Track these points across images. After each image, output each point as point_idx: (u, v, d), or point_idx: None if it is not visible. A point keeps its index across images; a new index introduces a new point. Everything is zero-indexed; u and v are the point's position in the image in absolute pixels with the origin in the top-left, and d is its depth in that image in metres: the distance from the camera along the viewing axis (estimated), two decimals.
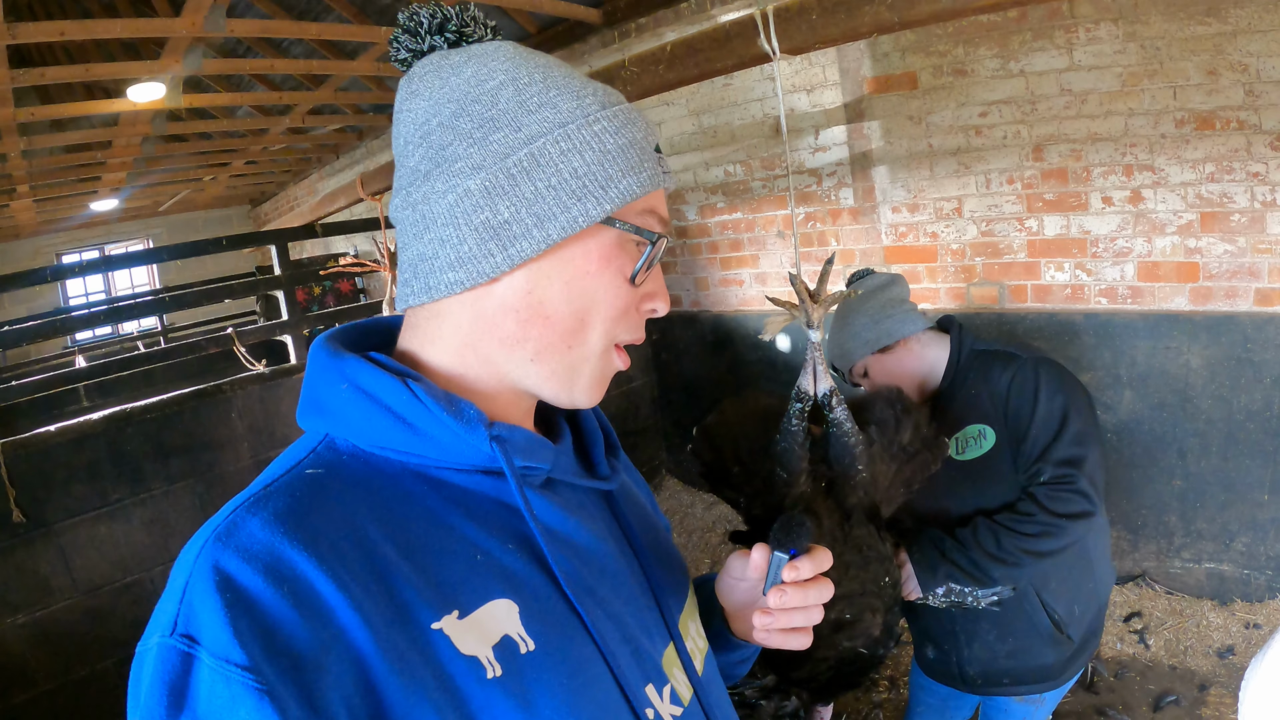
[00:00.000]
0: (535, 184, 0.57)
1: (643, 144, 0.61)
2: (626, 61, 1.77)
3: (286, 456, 0.59)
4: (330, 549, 0.49)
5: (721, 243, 4.22)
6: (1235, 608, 2.81)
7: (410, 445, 0.57)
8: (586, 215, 0.58)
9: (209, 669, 0.44)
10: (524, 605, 0.56)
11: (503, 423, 0.59)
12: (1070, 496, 1.38)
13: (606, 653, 0.59)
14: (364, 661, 0.48)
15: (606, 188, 0.58)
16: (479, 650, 0.52)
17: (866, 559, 1.24)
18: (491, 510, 0.59)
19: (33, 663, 2.34)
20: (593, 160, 0.58)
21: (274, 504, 0.51)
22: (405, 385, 0.57)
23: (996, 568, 1.40)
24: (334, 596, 0.48)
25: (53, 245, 9.12)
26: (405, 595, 0.51)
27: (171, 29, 3.36)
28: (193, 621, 0.45)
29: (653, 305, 0.65)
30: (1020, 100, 2.89)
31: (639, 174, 0.60)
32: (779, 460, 1.28)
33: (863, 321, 1.59)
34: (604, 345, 0.62)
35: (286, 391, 3.02)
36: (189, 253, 3.63)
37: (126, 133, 4.93)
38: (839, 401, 1.28)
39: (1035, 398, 1.44)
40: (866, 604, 1.23)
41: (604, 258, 0.60)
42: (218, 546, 0.48)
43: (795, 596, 0.68)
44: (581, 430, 0.75)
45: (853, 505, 1.28)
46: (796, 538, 0.70)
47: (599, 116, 0.59)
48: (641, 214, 0.61)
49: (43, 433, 2.45)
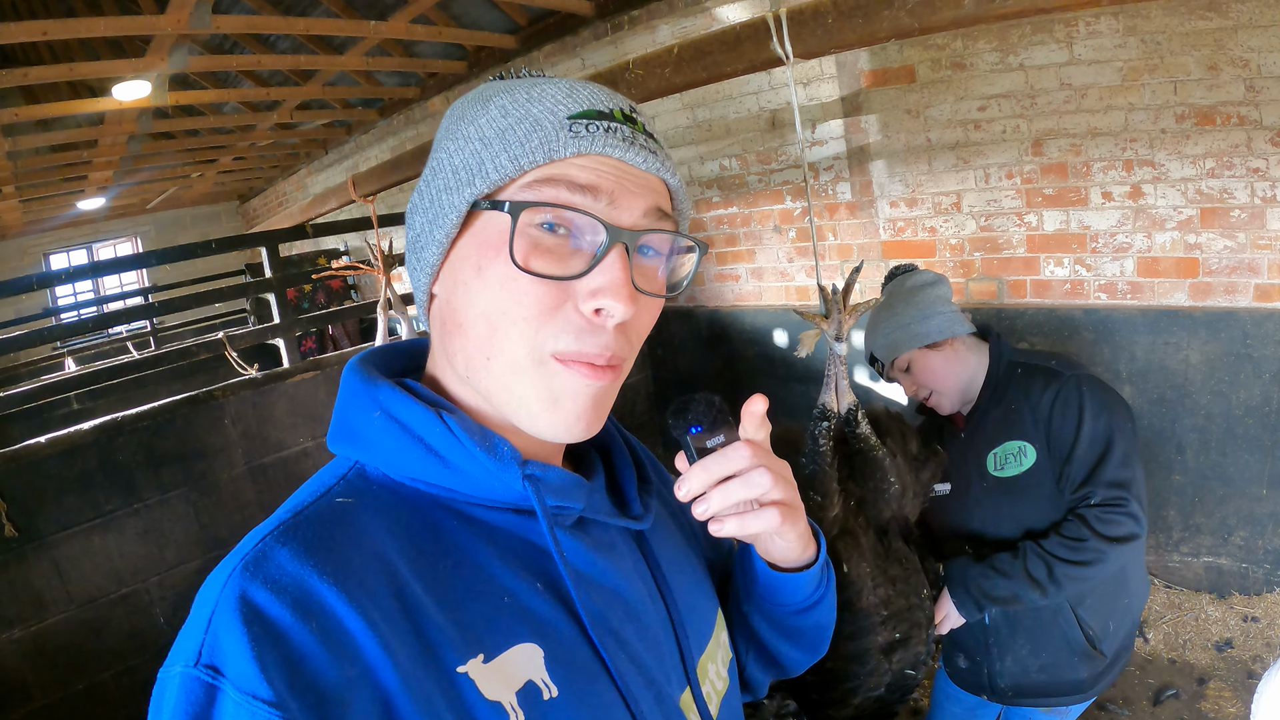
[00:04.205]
0: (431, 191, 0.58)
1: (540, 116, 0.55)
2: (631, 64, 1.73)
3: (317, 481, 0.57)
4: (359, 584, 0.49)
5: (717, 238, 4.19)
6: (1233, 601, 2.82)
7: (441, 478, 0.56)
8: (454, 206, 0.55)
9: (234, 703, 0.43)
10: (549, 650, 0.55)
11: (537, 461, 0.57)
12: (1122, 519, 1.36)
13: (629, 698, 0.58)
14: (389, 700, 0.47)
15: (477, 173, 0.54)
16: (503, 696, 0.51)
17: (908, 572, 1.23)
18: (520, 549, 0.58)
19: (29, 677, 2.31)
20: (471, 151, 0.56)
21: (304, 534, 0.50)
22: (439, 417, 0.56)
23: (1043, 595, 1.39)
24: (362, 633, 0.47)
25: (40, 245, 9.02)
26: (432, 635, 0.50)
27: (156, 26, 3.30)
28: (218, 652, 0.44)
29: (595, 303, 0.53)
30: (1020, 94, 2.86)
31: (523, 145, 0.53)
32: (810, 484, 1.24)
33: (913, 314, 1.54)
34: (531, 354, 0.54)
35: (279, 396, 2.99)
36: (178, 256, 3.58)
37: (112, 131, 4.86)
38: (863, 416, 1.25)
39: (1080, 418, 1.41)
40: (914, 619, 1.21)
41: (485, 248, 0.55)
42: (245, 576, 0.47)
43: (696, 477, 0.60)
44: (614, 465, 0.73)
45: (888, 520, 1.25)
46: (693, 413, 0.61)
47: (491, 107, 0.57)
48: (530, 186, 0.54)
49: (33, 444, 2.42)
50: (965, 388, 1.57)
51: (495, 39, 4.48)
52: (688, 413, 0.61)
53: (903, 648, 1.21)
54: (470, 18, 4.41)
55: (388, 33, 4.08)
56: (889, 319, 1.57)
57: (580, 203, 0.54)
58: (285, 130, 6.42)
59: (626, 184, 0.55)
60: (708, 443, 0.61)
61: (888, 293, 1.62)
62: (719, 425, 0.61)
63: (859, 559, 1.20)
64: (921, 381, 1.57)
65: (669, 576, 0.70)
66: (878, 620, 1.18)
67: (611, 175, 0.55)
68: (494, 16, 4.39)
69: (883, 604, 1.19)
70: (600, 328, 0.54)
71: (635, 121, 0.58)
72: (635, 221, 0.56)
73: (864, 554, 1.19)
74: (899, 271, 1.65)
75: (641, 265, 0.58)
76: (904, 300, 1.57)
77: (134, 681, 2.52)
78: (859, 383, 3.51)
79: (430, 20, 4.19)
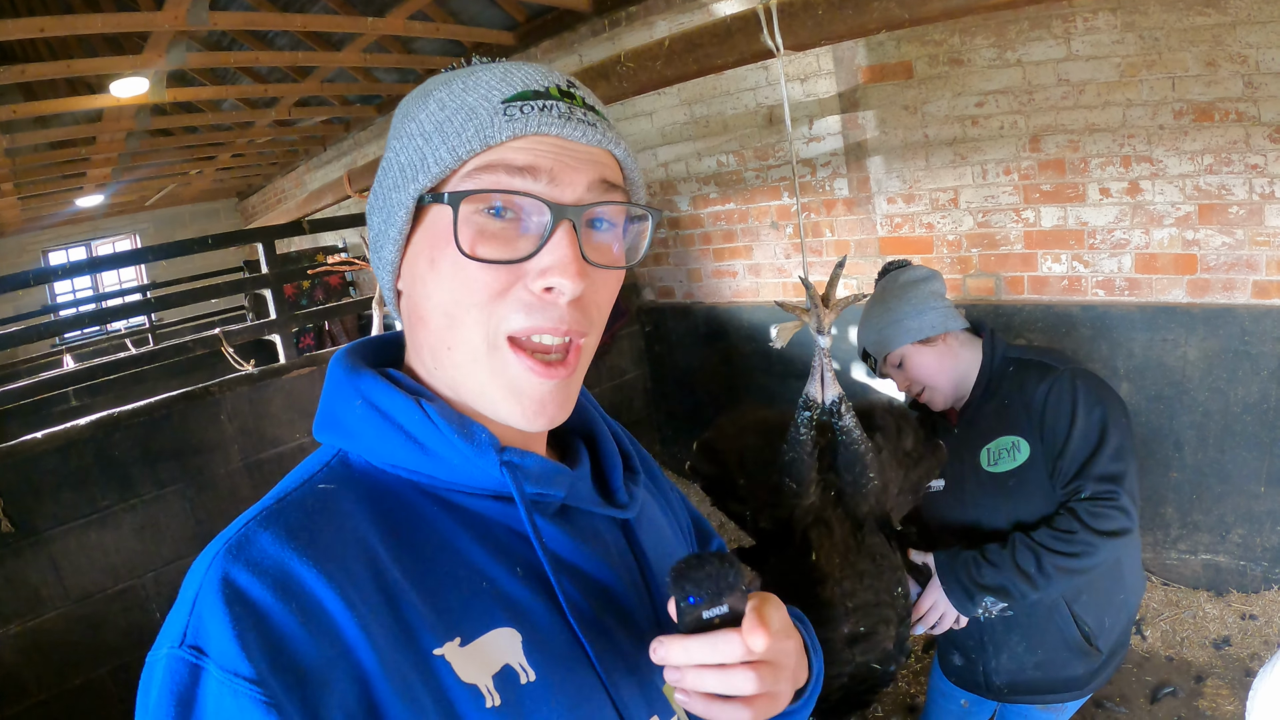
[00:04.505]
0: (383, 190, 0.59)
1: (476, 105, 0.55)
2: (623, 57, 1.72)
3: (301, 469, 0.59)
4: (339, 567, 0.50)
5: (714, 234, 4.19)
6: (1231, 599, 2.82)
7: (422, 465, 0.57)
8: (401, 203, 0.56)
9: (216, 681, 0.44)
10: (527, 635, 0.55)
11: (515, 448, 0.58)
12: (1112, 513, 1.36)
13: (609, 684, 0.58)
14: (368, 680, 0.48)
15: (420, 168, 0.55)
16: (479, 679, 0.52)
17: (880, 568, 1.23)
18: (500, 535, 0.59)
19: (26, 673, 2.31)
20: (414, 148, 0.56)
21: (286, 519, 0.52)
22: (418, 405, 0.57)
23: (1033, 588, 1.39)
24: (341, 614, 0.48)
25: (39, 242, 9.02)
26: (410, 618, 0.51)
27: (154, 23, 3.30)
28: (201, 633, 0.46)
29: (545, 281, 0.53)
30: (1017, 90, 2.85)
31: (460, 135, 0.54)
32: (787, 470, 1.26)
33: (906, 310, 1.54)
34: (485, 339, 0.55)
35: (276, 392, 2.99)
36: (175, 253, 3.58)
37: (111, 128, 4.86)
38: (848, 408, 1.26)
39: (1073, 411, 1.41)
40: (881, 615, 1.22)
41: (436, 240, 0.55)
42: (229, 559, 0.48)
43: (675, 653, 0.54)
44: (600, 454, 0.73)
45: (865, 514, 1.26)
46: (695, 584, 0.54)
47: (430, 101, 0.58)
48: (470, 174, 0.54)
49: (29, 440, 2.41)
50: (958, 383, 1.57)
51: (493, 35, 4.48)
52: (689, 579, 0.54)
53: (865, 640, 1.22)
54: (468, 14, 4.40)
55: (385, 29, 4.08)
56: (881, 314, 1.57)
57: (520, 185, 0.54)
58: (283, 127, 6.42)
59: (566, 160, 0.55)
60: (704, 614, 0.54)
61: (880, 288, 1.61)
62: (724, 594, 0.54)
63: (830, 550, 1.21)
64: (914, 377, 1.57)
65: (654, 565, 0.70)
66: (841, 612, 1.19)
67: (550, 153, 0.54)
68: (492, 13, 4.38)
69: (847, 596, 1.19)
70: (551, 304, 0.55)
71: (573, 96, 0.57)
72: (580, 197, 0.55)
73: (835, 545, 1.20)
74: (892, 267, 1.65)
75: (594, 239, 0.58)
76: (896, 296, 1.56)
77: (131, 677, 2.49)
78: (858, 379, 3.51)
79: (428, 17, 4.19)
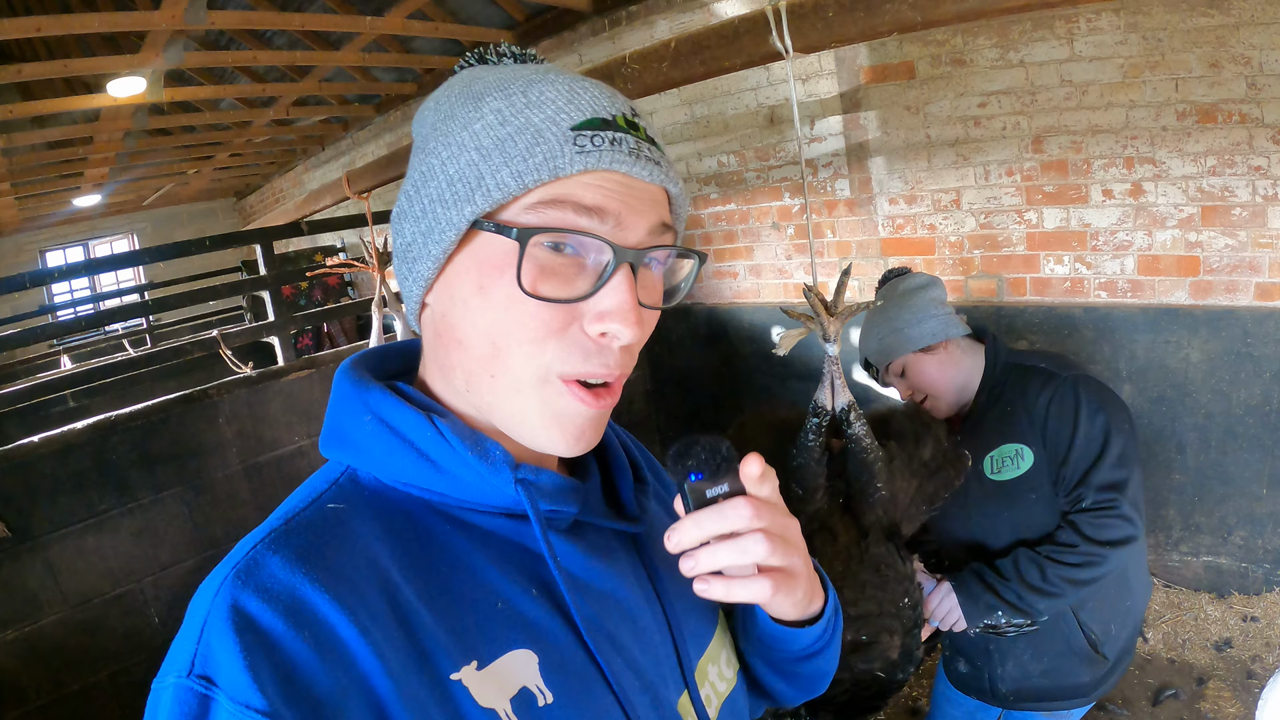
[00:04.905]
0: (424, 200, 0.55)
1: (541, 126, 0.52)
2: (628, 58, 1.70)
3: (309, 487, 0.57)
4: (352, 591, 0.48)
5: (715, 234, 4.17)
6: (1233, 601, 2.82)
7: (434, 483, 0.56)
8: (452, 222, 0.53)
9: (227, 713, 0.42)
10: (543, 655, 0.54)
11: (530, 465, 0.57)
12: (1114, 522, 1.35)
13: (625, 703, 0.57)
14: (383, 707, 0.46)
15: (476, 187, 0.52)
16: (497, 703, 0.51)
17: (884, 579, 1.22)
18: (514, 554, 0.58)
19: (24, 679, 2.30)
20: (467, 161, 0.53)
21: (296, 541, 0.50)
22: (430, 422, 0.55)
23: (1041, 600, 1.38)
24: (355, 640, 0.46)
25: (36, 242, 8.98)
26: (425, 642, 0.50)
27: (151, 22, 3.28)
28: (210, 662, 0.44)
29: (602, 326, 0.52)
30: (1020, 91, 2.84)
31: (526, 161, 0.51)
32: (794, 476, 1.25)
33: (906, 318, 1.53)
34: (535, 375, 0.53)
35: (274, 395, 2.97)
36: (173, 254, 3.56)
37: (108, 128, 4.84)
38: (858, 416, 1.25)
39: (1076, 419, 1.39)
40: (884, 625, 1.21)
41: (486, 267, 0.53)
42: (237, 585, 0.46)
43: (687, 531, 0.55)
44: (610, 466, 0.72)
45: (870, 523, 1.25)
46: (695, 458, 0.55)
47: (487, 110, 0.54)
48: (535, 207, 0.52)
49: (26, 444, 2.39)
50: (960, 391, 1.56)
51: (492, 34, 4.46)
52: (689, 457, 0.56)
53: (866, 650, 1.20)
54: (467, 13, 4.39)
55: (384, 28, 4.07)
56: (882, 323, 1.56)
57: (586, 224, 0.52)
58: (282, 127, 6.40)
59: (632, 202, 0.54)
60: (708, 492, 0.55)
61: (881, 296, 1.60)
62: (722, 473, 0.56)
63: (832, 557, 1.20)
64: (916, 385, 1.56)
65: (666, 579, 0.69)
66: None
67: (617, 194, 0.53)
68: (491, 12, 4.37)
69: (848, 605, 1.18)
70: (606, 349, 0.54)
71: (638, 127, 0.55)
72: (640, 240, 0.55)
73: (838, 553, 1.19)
74: (892, 275, 1.64)
75: (645, 279, 0.57)
76: (897, 304, 1.55)
77: (129, 682, 2.50)
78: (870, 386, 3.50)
79: (427, 16, 4.17)
